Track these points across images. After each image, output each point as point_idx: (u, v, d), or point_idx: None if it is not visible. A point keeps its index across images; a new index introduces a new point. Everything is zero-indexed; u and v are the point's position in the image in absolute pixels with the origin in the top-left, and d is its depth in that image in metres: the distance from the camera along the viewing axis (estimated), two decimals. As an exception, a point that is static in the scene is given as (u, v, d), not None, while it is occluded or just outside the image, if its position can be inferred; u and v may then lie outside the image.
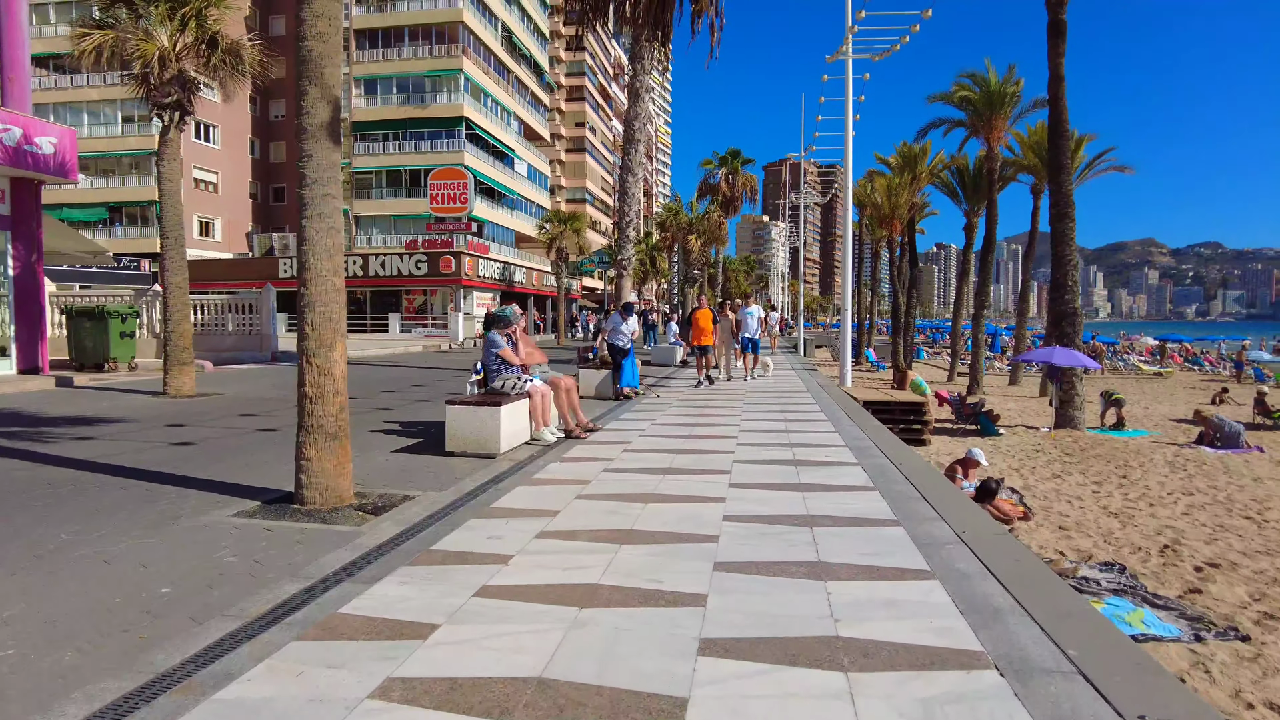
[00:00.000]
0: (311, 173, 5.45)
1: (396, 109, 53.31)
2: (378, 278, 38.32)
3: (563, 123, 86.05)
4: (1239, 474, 12.94)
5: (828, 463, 7.02)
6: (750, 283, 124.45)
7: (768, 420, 9.99)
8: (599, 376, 12.81)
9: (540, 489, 6.07)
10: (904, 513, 5.18)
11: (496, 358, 8.18)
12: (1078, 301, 17.50)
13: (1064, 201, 17.34)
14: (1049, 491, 11.11)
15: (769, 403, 12.16)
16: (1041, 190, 28.89)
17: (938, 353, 54.12)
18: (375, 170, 53.75)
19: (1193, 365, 43.55)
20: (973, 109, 25.15)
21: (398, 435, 8.97)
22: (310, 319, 5.48)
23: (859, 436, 8.52)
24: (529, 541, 4.61)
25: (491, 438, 7.33)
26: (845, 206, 18.46)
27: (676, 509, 5.35)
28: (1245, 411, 23.09)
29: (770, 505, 5.42)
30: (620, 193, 16.72)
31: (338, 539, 4.79)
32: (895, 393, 17.27)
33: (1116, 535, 8.79)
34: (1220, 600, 6.81)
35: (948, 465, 10.12)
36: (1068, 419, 17.06)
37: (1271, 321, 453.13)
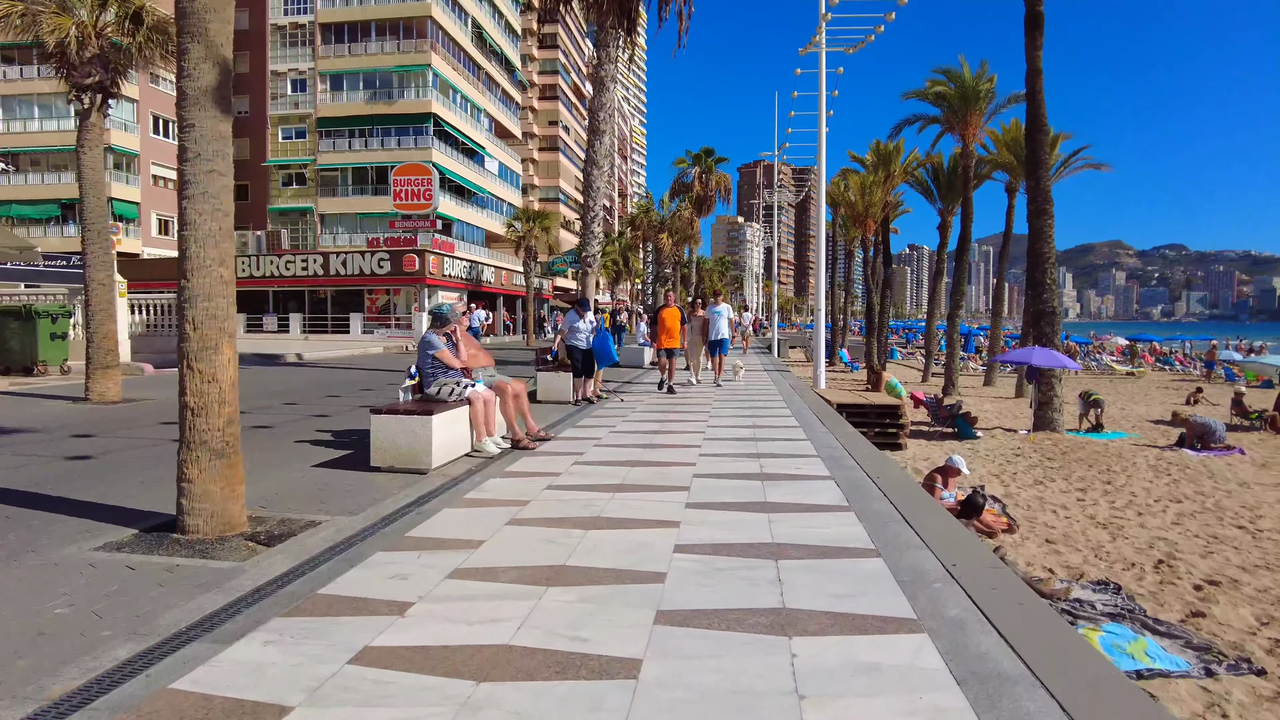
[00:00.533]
0: (194, 145, 4.63)
1: (363, 105, 52.03)
2: (339, 277, 37.19)
3: (536, 121, 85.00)
4: (1224, 478, 12.47)
5: (798, 476, 6.31)
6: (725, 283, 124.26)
7: (736, 427, 9.28)
8: (557, 380, 12.03)
9: (469, 512, 5.29)
10: (884, 539, 4.47)
11: (433, 360, 7.38)
12: (1056, 300, 17.02)
13: (1042, 198, 16.85)
14: (1032, 500, 10.53)
15: (738, 407, 11.46)
16: (1016, 188, 28.56)
17: (911, 353, 53.93)
18: (340, 168, 52.42)
19: (1164, 365, 43.66)
20: (947, 105, 24.71)
21: (327, 446, 8.14)
22: (191, 316, 4.67)
23: (832, 445, 7.83)
24: (438, 583, 3.85)
25: (422, 450, 6.53)
26: (819, 201, 17.85)
27: (622, 537, 4.61)
28: (1221, 412, 22.81)
29: (731, 531, 4.69)
30: (585, 186, 15.98)
31: (212, 579, 3.99)
32: (870, 395, 16.68)
33: (1107, 549, 8.18)
34: (1226, 625, 6.20)
35: (927, 474, 9.48)
36: (1046, 421, 16.56)
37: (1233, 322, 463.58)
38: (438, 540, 4.62)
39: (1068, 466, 13.06)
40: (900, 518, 4.95)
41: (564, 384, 11.94)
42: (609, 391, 13.31)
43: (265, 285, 38.72)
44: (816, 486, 5.91)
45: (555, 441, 8.18)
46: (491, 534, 4.71)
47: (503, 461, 7.04)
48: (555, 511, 5.23)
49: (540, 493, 5.79)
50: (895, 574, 3.87)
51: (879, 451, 7.65)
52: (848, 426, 9.44)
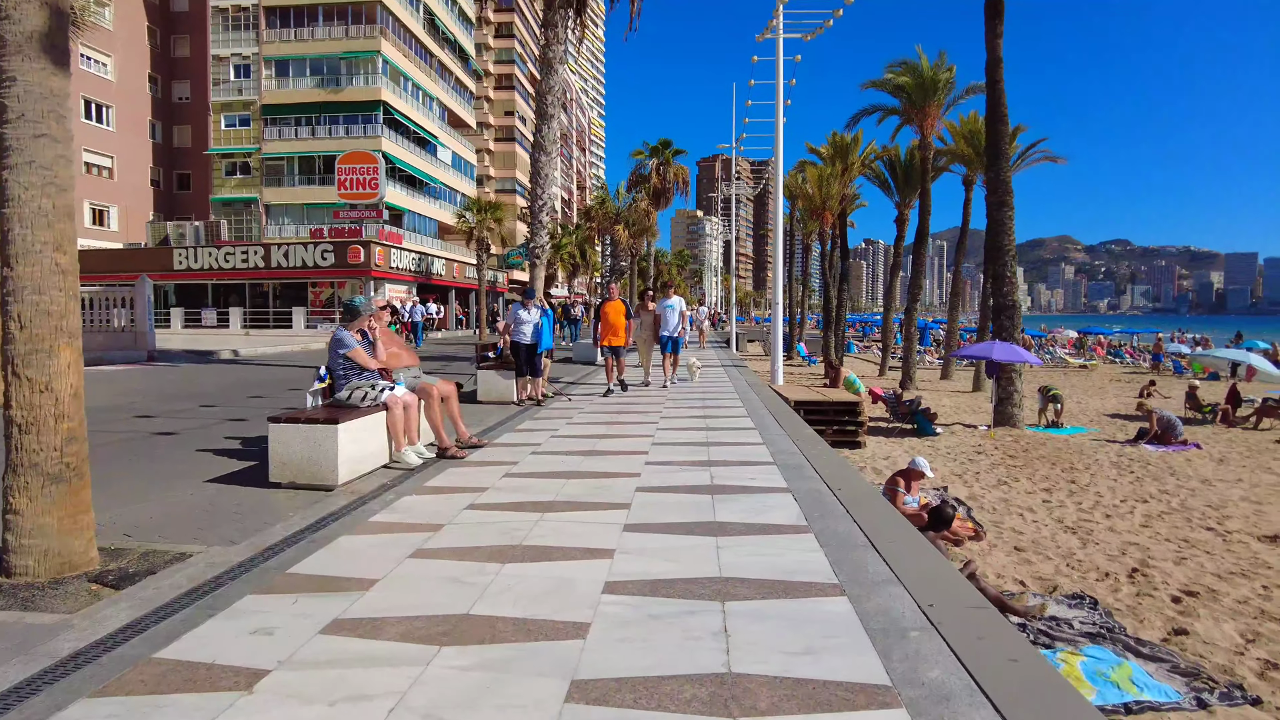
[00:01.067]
0: (16, 104, 3.79)
1: (309, 92, 50.21)
2: (280, 269, 35.70)
3: (491, 111, 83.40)
4: (1185, 475, 12.22)
5: (752, 488, 5.67)
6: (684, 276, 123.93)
7: (687, 430, 8.63)
8: (500, 379, 11.26)
9: (370, 540, 4.54)
10: (848, 570, 3.84)
11: (344, 361, 6.59)
12: (1016, 294, 16.73)
13: (1002, 189, 16.54)
14: (997, 502, 10.09)
15: (691, 408, 10.82)
16: (973, 181, 28.45)
17: (868, 346, 54.03)
18: (287, 156, 50.53)
19: (1114, 358, 44.29)
20: (906, 96, 24.38)
21: (231, 456, 7.28)
22: (17, 312, 3.83)
23: (790, 451, 7.22)
24: (308, 640, 3.11)
25: (327, 464, 5.75)
26: (776, 191, 17.30)
27: (544, 573, 3.91)
28: (1174, 405, 22.85)
29: (673, 561, 4.02)
30: (533, 173, 15.18)
31: (21, 639, 3.20)
32: (828, 391, 16.21)
33: (1079, 557, 7.73)
34: (1211, 643, 5.74)
35: (889, 477, 8.95)
36: (1006, 417, 16.28)
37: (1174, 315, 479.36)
38: (323, 579, 3.87)
39: (1031, 465, 12.70)
40: (866, 541, 4.33)
41: (507, 383, 11.18)
42: (557, 391, 12.55)
43: (204, 278, 37.07)
44: (772, 501, 5.28)
45: (489, 449, 7.44)
46: (389, 570, 3.97)
47: (424, 474, 6.28)
48: (470, 538, 4.51)
49: (458, 514, 5.05)
50: (863, 619, 3.23)
51: (840, 458, 7.06)
52: (806, 428, 8.86)
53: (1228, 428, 18.00)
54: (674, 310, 13.72)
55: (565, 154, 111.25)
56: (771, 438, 7.99)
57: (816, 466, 6.40)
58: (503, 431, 8.56)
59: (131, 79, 48.62)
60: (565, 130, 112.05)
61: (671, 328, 13.67)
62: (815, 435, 8.42)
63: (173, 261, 35.41)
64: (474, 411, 10.15)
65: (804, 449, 7.25)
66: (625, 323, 12.58)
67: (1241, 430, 17.71)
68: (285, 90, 50.33)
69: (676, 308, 13.77)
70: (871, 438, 14.79)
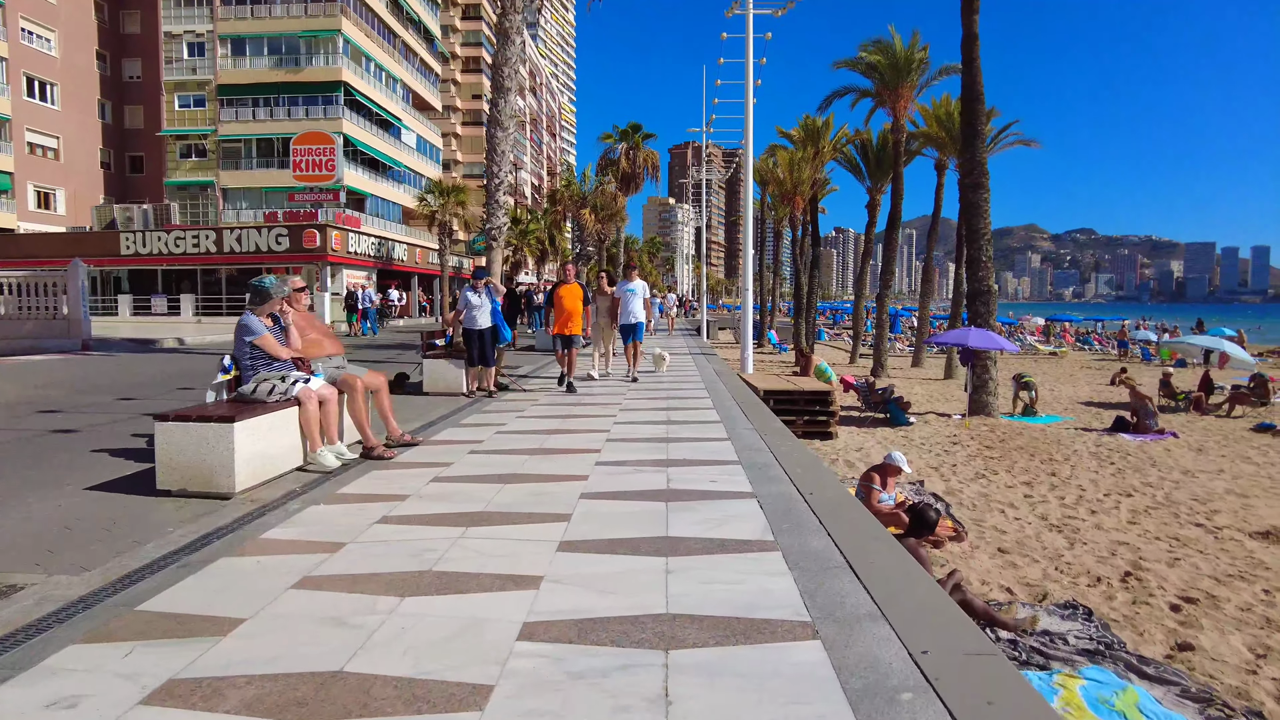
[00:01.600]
0: None
1: (267, 72, 48.49)
2: (233, 254, 34.27)
3: (459, 94, 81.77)
4: (1166, 466, 11.80)
5: (713, 494, 4.99)
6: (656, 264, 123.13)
7: (648, 425, 7.93)
8: (448, 369, 10.46)
9: (253, 565, 3.78)
10: (824, 603, 3.17)
11: (252, 350, 5.78)
12: (992, 279, 16.23)
13: (978, 171, 16.00)
14: (976, 497, 9.54)
15: (654, 399, 10.12)
16: (946, 166, 28.01)
17: (839, 334, 53.75)
18: (244, 138, 48.81)
19: (1084, 345, 44.42)
20: (879, 77, 23.77)
21: (130, 458, 6.45)
22: None
23: (757, 447, 6.55)
24: (119, 717, 2.36)
25: (222, 468, 4.96)
26: (746, 170, 16.61)
27: (452, 609, 3.18)
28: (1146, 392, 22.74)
29: (611, 593, 3.32)
30: (489, 150, 14.29)
31: None
32: (799, 380, 15.62)
33: (1067, 559, 7.17)
34: (1220, 660, 5.18)
35: (863, 473, 8.34)
36: (981, 405, 15.82)
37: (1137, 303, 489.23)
38: (178, 619, 3.11)
39: (1009, 456, 12.20)
40: (843, 561, 3.66)
41: (456, 374, 10.38)
42: (512, 381, 11.77)
43: (153, 264, 35.56)
44: (734, 510, 4.60)
45: (423, 448, 6.67)
46: (263, 605, 3.22)
47: (341, 479, 5.51)
48: (373, 562, 3.76)
49: (367, 528, 4.31)
50: (841, 674, 2.55)
51: (812, 455, 6.40)
52: (775, 421, 8.20)
53: (1201, 415, 17.74)
54: (636, 295, 12.47)
55: (535, 139, 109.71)
56: (738, 432, 7.32)
57: (785, 466, 5.73)
58: (444, 427, 7.79)
59: (77, 55, 46.59)
60: (535, 115, 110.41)
61: (633, 314, 12.46)
62: (784, 429, 7.77)
63: (119, 246, 33.87)
64: (418, 405, 9.38)
65: (772, 445, 6.59)
66: (581, 308, 11.37)
67: (1215, 418, 17.46)
68: (242, 70, 48.57)
69: (639, 292, 12.52)
70: (843, 428, 14.25)
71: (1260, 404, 17.65)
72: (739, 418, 8.25)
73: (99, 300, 34.84)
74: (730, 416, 8.32)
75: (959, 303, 28.01)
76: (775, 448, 6.49)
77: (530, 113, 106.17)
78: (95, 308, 35.75)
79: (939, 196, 28.38)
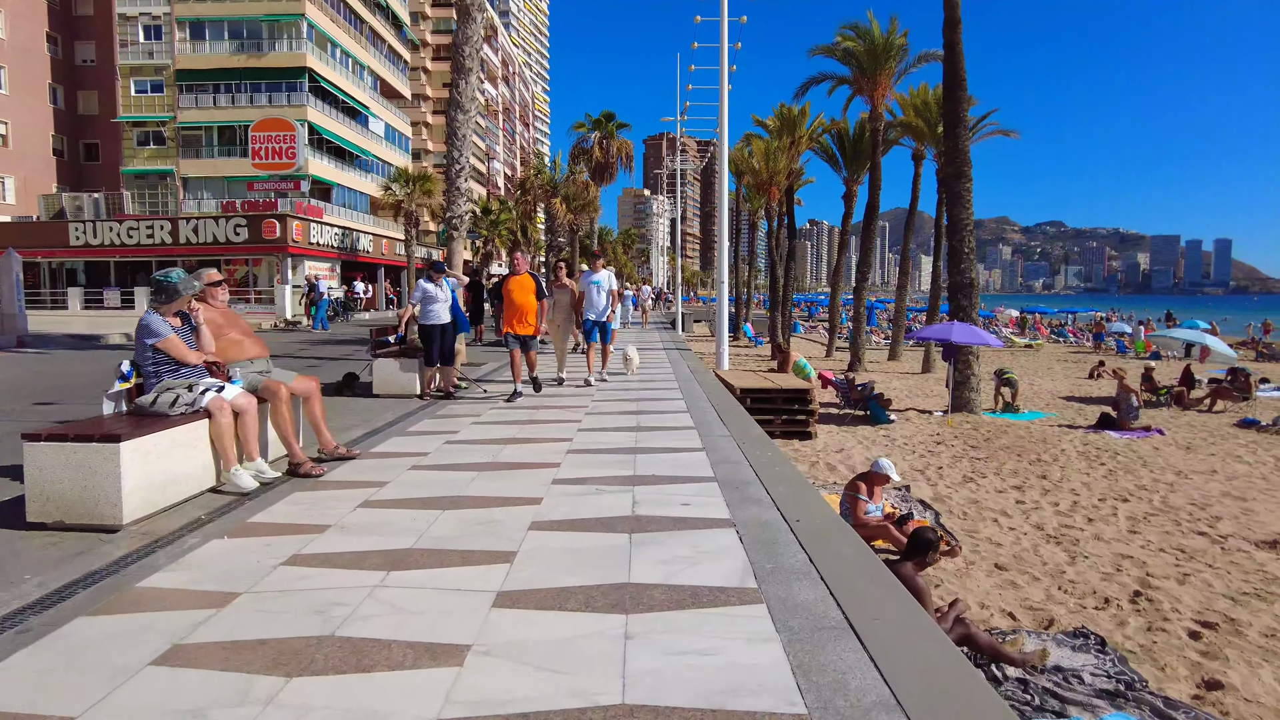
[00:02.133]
0: None
1: (229, 57, 46.90)
2: (190, 245, 32.95)
3: (429, 83, 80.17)
4: (1158, 466, 11.35)
5: (685, 522, 4.32)
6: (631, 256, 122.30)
7: (615, 432, 7.25)
8: (400, 369, 9.67)
9: (108, 627, 3.04)
10: (822, 688, 2.50)
11: (154, 354, 5.00)
12: (975, 271, 15.74)
13: (960, 159, 15.47)
14: (965, 503, 8.98)
15: (623, 402, 9.44)
16: (923, 156, 27.55)
17: (814, 326, 53.45)
18: (205, 126, 47.15)
19: (1058, 337, 44.41)
20: (856, 63, 23.18)
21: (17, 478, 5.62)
22: None
23: (735, 460, 5.90)
24: None
25: (105, 497, 4.20)
26: (721, 162, 15.95)
27: (345, 700, 2.47)
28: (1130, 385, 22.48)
29: (554, 672, 2.63)
30: (449, 134, 13.52)
31: None
32: (776, 377, 15.01)
33: (1070, 576, 6.61)
34: (1255, 701, 4.63)
35: (849, 481, 7.72)
36: (964, 402, 15.33)
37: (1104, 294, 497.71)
38: (-18, 718, 2.37)
39: (995, 456, 11.69)
40: (842, 619, 3.00)
41: (408, 375, 9.61)
42: (471, 382, 10.99)
43: (105, 255, 34.16)
44: (710, 543, 3.93)
45: (359, 462, 5.93)
46: (102, 696, 2.49)
47: (256, 504, 4.77)
48: (262, 623, 3.04)
49: (270, 573, 3.58)
50: (853, 806, 1.88)
51: (796, 471, 5.73)
52: (754, 427, 7.55)
53: (1183, 410, 17.42)
54: (602, 288, 10.89)
55: (508, 129, 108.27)
56: (714, 441, 6.65)
57: (767, 484, 5.07)
58: (388, 436, 7.04)
59: (26, 37, 44.75)
60: (508, 104, 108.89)
61: (599, 309, 10.95)
62: (764, 437, 7.12)
63: (69, 237, 32.41)
64: (363, 409, 8.61)
65: (752, 457, 5.93)
66: (535, 303, 9.72)
67: (1197, 413, 17.15)
68: (202, 55, 46.93)
69: (605, 284, 10.96)
70: (823, 426, 13.66)
71: (1242, 399, 17.36)
72: (715, 423, 7.59)
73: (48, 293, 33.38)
74: (705, 422, 7.66)
75: (937, 295, 27.63)
76: (755, 459, 5.83)
77: (503, 102, 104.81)
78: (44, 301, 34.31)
79: (916, 186, 27.92)
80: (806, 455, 11.49)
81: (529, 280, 9.68)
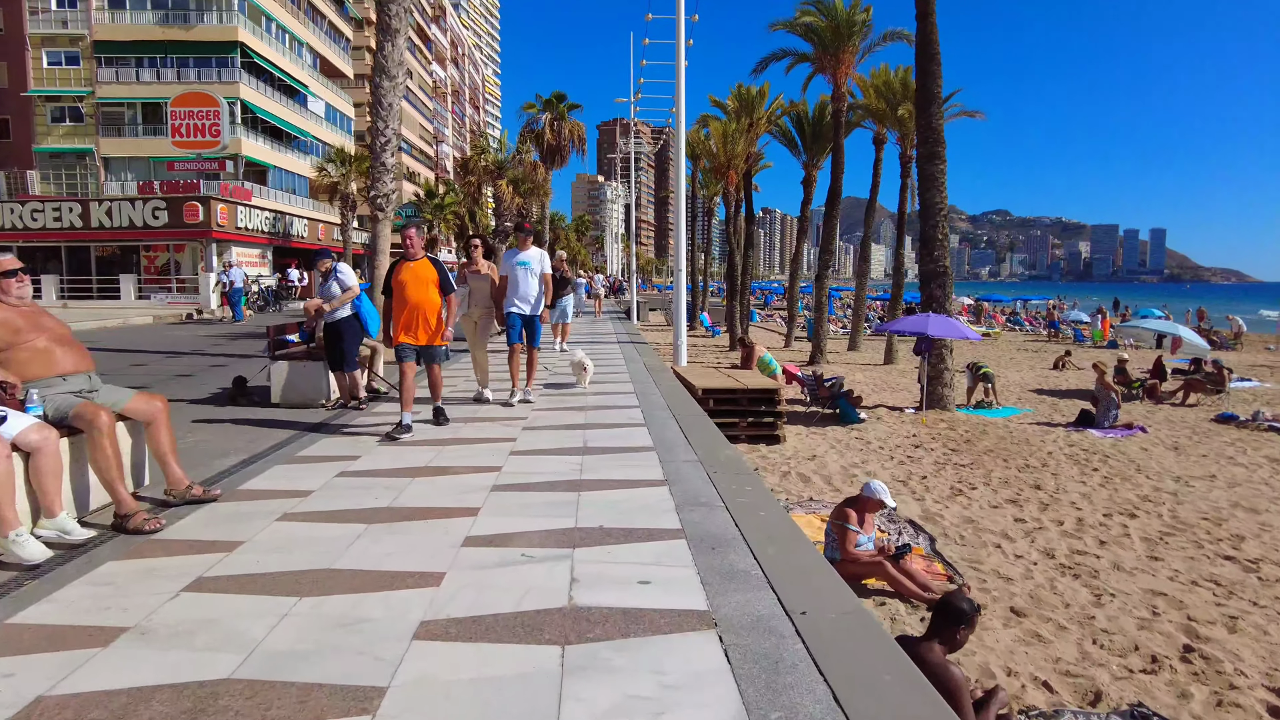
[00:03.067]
0: None
1: (153, 28, 43.91)
2: (103, 230, 30.39)
3: (373, 62, 77.12)
4: (1151, 470, 10.49)
5: (642, 621, 3.05)
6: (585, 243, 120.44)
7: (554, 457, 5.94)
8: (304, 374, 8.20)
9: None
10: None
11: (-115, 375, 3.53)
12: (948, 258, 14.76)
13: (934, 139, 14.43)
14: (960, 523, 7.89)
15: (567, 412, 8.13)
16: (884, 140, 26.66)
17: (770, 314, 52.60)
18: (128, 102, 44.12)
19: (1014, 325, 44.26)
20: (818, 39, 22.04)
21: None
22: None
23: (706, 500, 4.65)
24: None
25: None
26: (679, 139, 14.66)
27: None
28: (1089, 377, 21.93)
29: None
30: (373, 103, 11.98)
31: None
32: (741, 374, 13.84)
33: (1100, 623, 5.53)
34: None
35: (835, 508, 6.55)
36: (937, 398, 14.39)
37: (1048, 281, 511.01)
38: None
39: (980, 461, 10.68)
40: None
41: (313, 378, 8.15)
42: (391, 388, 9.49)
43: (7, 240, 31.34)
44: (680, 670, 2.66)
45: (217, 507, 4.53)
46: None
47: (37, 586, 3.35)
48: None
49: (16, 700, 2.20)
50: None
51: (786, 520, 4.47)
52: (725, 446, 6.30)
53: (1156, 403, 16.79)
54: (531, 271, 8.13)
55: (458, 112, 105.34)
56: (677, 468, 5.39)
57: (752, 542, 3.83)
58: (271, 464, 5.61)
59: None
60: (457, 87, 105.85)
61: (529, 301, 8.17)
62: (738, 459, 5.89)
63: (-42, 220, 29.75)
64: (254, 426, 7.15)
65: (727, 495, 4.68)
66: (438, 300, 6.94)
67: (1170, 406, 16.52)
68: (122, 25, 43.86)
69: (535, 266, 8.19)
70: (790, 428, 12.53)
71: (1215, 391, 16.78)
72: (677, 441, 6.32)
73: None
74: (666, 440, 6.38)
75: (900, 284, 26.84)
76: (731, 498, 4.58)
77: (452, 84, 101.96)
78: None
79: (877, 172, 27.01)
80: (776, 464, 10.34)
81: (428, 268, 6.98)
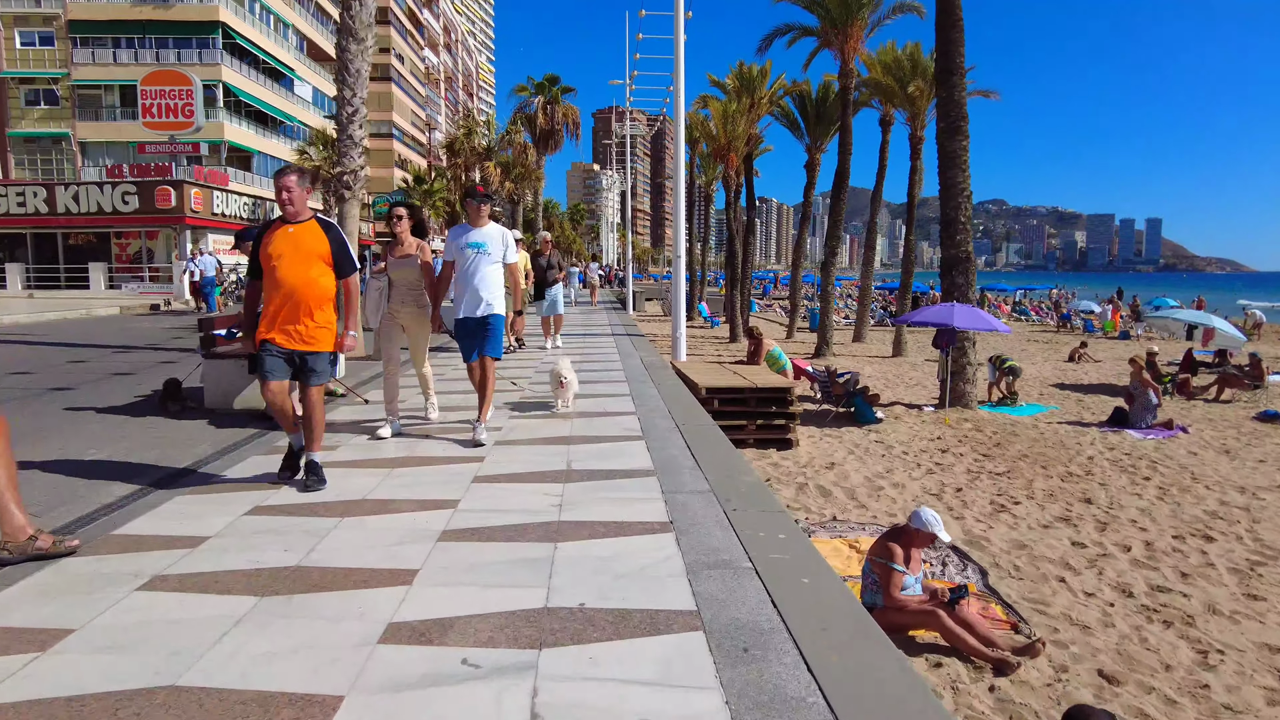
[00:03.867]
0: None
1: (128, 7, 42.32)
2: (70, 215, 28.94)
3: (363, 46, 75.32)
4: (1208, 479, 9.35)
5: None
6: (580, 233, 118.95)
7: (527, 486, 4.76)
8: (240, 375, 7.01)
9: None
10: None
11: None
12: (970, 244, 13.59)
13: (956, 113, 13.24)
14: (1009, 548, 6.75)
15: (550, 420, 6.95)
16: (892, 121, 25.37)
17: (769, 305, 51.39)
18: (104, 84, 42.59)
19: (1020, 316, 43.15)
20: (825, 11, 20.75)
21: None
22: None
23: (728, 559, 3.49)
24: None
25: None
26: (677, 116, 13.45)
27: None
28: (1107, 369, 20.90)
29: None
30: (339, 69, 10.75)
31: None
32: (747, 370, 12.67)
33: (1217, 695, 4.40)
34: None
35: (876, 542, 5.38)
36: (960, 395, 13.24)
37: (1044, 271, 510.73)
38: None
39: (1017, 469, 9.53)
40: None
41: (252, 383, 6.95)
42: (346, 388, 8.31)
43: (-31, 224, 30.05)
44: None
45: (68, 564, 3.35)
46: None
47: None
48: None
49: None
50: None
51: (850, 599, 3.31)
52: (746, 471, 5.12)
53: (1188, 399, 15.68)
54: (486, 254, 5.77)
55: (451, 99, 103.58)
56: (685, 505, 4.23)
57: (806, 648, 2.66)
58: (168, 497, 4.41)
59: None
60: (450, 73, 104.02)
61: (486, 294, 5.76)
62: (763, 489, 4.72)
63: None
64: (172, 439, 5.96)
65: (755, 552, 3.51)
66: (328, 286, 4.59)
67: (1204, 403, 15.42)
68: (98, 4, 42.29)
69: (493, 248, 5.82)
70: (801, 429, 11.35)
71: (1254, 387, 15.66)
72: (683, 464, 5.15)
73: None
74: (669, 462, 5.21)
75: (909, 272, 25.69)
76: (761, 555, 3.41)
77: (445, 70, 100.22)
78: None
79: (884, 154, 25.74)
80: (790, 473, 9.18)
81: (315, 234, 4.52)
